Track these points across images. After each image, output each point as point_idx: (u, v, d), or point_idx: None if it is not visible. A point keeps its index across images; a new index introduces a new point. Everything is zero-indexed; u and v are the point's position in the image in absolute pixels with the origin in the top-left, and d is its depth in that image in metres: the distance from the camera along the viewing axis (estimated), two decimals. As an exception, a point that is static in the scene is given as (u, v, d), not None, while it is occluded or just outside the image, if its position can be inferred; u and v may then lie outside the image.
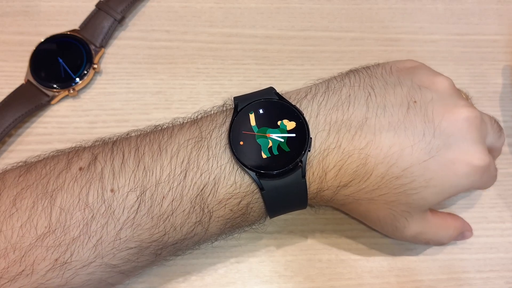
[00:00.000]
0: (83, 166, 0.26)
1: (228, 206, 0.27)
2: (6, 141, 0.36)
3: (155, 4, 0.41)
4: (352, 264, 0.33)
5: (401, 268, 0.33)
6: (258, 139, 0.27)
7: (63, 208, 0.25)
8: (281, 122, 0.27)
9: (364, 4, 0.43)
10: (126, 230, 0.26)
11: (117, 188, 0.26)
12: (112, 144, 0.28)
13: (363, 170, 0.27)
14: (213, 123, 0.28)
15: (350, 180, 0.27)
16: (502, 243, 0.34)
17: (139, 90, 0.38)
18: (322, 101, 0.28)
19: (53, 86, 0.37)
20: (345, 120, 0.27)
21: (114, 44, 0.40)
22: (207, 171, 0.26)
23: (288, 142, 0.27)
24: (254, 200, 0.27)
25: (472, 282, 0.33)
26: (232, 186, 0.27)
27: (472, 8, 0.43)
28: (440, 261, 0.34)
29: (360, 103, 0.28)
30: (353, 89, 0.29)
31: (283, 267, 0.33)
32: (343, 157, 0.27)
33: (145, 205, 0.26)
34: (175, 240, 0.27)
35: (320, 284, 0.33)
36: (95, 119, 0.37)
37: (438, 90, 0.29)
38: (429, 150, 0.27)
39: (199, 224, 0.27)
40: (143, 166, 0.26)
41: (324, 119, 0.28)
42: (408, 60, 0.32)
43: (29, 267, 0.25)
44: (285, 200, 0.27)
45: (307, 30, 0.41)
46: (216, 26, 0.41)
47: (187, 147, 0.27)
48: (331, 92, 0.29)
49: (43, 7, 0.40)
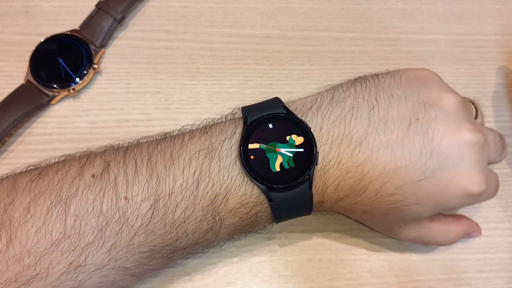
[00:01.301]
0: (96, 174, 0.27)
1: (238, 214, 0.28)
2: (6, 141, 0.36)
3: (155, 4, 0.41)
4: (352, 264, 0.33)
5: (401, 268, 0.33)
6: (268, 154, 0.27)
7: (78, 215, 0.25)
8: (289, 137, 0.27)
9: (364, 4, 0.43)
10: (140, 236, 0.26)
11: (131, 196, 0.26)
12: (124, 151, 0.28)
13: (358, 186, 0.28)
14: (223, 134, 0.28)
15: (347, 194, 0.28)
16: (502, 243, 0.34)
17: (139, 90, 0.38)
18: (326, 113, 0.28)
19: (53, 86, 0.37)
20: (347, 134, 0.28)
21: (114, 44, 0.40)
22: (218, 182, 0.27)
23: (297, 157, 0.27)
24: (263, 210, 0.28)
25: (472, 282, 0.33)
26: (242, 196, 0.27)
27: (472, 8, 0.43)
28: (440, 261, 0.34)
29: (363, 116, 0.28)
30: (357, 101, 0.29)
31: (283, 267, 0.33)
32: (342, 173, 0.27)
33: (159, 213, 0.26)
34: (187, 245, 0.28)
35: (320, 284, 0.33)
36: (95, 119, 0.37)
37: (443, 107, 0.28)
38: (424, 170, 0.27)
39: (210, 230, 0.28)
40: (156, 175, 0.27)
41: (327, 132, 0.28)
42: (421, 70, 0.31)
43: (43, 271, 0.25)
44: (292, 210, 0.28)
45: (307, 30, 0.41)
46: (216, 26, 0.41)
47: (198, 158, 0.27)
48: (335, 104, 0.29)
49: (43, 7, 0.40)
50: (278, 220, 0.29)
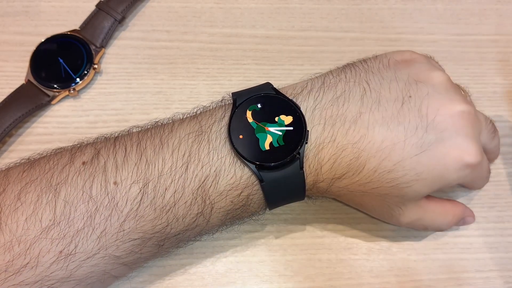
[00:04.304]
0: (86, 160, 0.27)
1: (229, 197, 0.27)
2: (6, 141, 0.36)
3: (155, 4, 0.41)
4: (352, 264, 0.33)
5: (401, 268, 0.33)
6: (257, 133, 0.27)
7: (67, 201, 0.25)
8: (278, 117, 0.28)
9: (364, 4, 0.43)
10: (130, 221, 0.26)
11: (120, 181, 0.26)
12: (114, 139, 0.28)
13: (356, 164, 0.28)
14: (212, 118, 0.28)
15: (344, 173, 0.28)
16: (502, 243, 0.34)
17: (139, 90, 0.38)
18: (318, 96, 0.29)
19: (53, 86, 0.37)
20: (340, 114, 0.28)
21: (115, 44, 0.40)
22: (208, 164, 0.27)
23: (286, 135, 0.27)
24: (254, 192, 0.28)
25: (472, 282, 0.33)
26: (233, 178, 0.27)
27: (472, 8, 0.43)
28: (440, 261, 0.34)
29: (355, 98, 0.28)
30: (348, 85, 0.29)
31: (283, 267, 0.33)
32: (337, 151, 0.27)
33: (148, 197, 0.26)
34: (178, 231, 0.28)
35: (320, 284, 0.33)
36: (96, 119, 0.37)
37: (434, 85, 0.29)
38: (421, 144, 0.27)
39: (201, 215, 0.27)
40: (145, 159, 0.27)
41: (320, 113, 0.28)
42: (407, 52, 0.31)
43: (34, 260, 0.25)
44: (283, 191, 0.28)
45: (307, 30, 0.41)
46: (216, 26, 0.41)
47: (187, 140, 0.27)
48: (326, 88, 0.29)
49: (44, 7, 0.41)
50: (271, 204, 0.29)
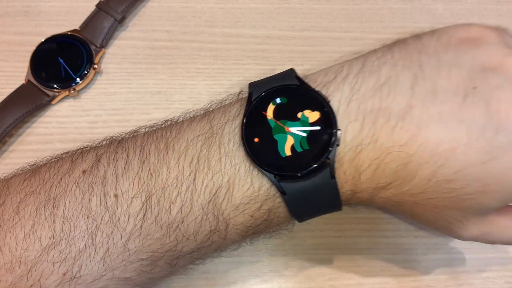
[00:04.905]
0: (86, 169, 0.24)
1: (247, 212, 0.23)
2: (6, 141, 0.36)
3: (155, 4, 0.41)
4: (352, 264, 0.33)
5: (401, 268, 0.33)
6: (275, 135, 0.23)
7: (66, 217, 0.23)
8: (302, 113, 0.23)
9: (364, 4, 0.43)
10: (134, 240, 0.23)
11: (120, 194, 0.23)
12: (118, 143, 0.25)
13: (405, 171, 0.22)
14: (225, 116, 0.24)
15: (389, 182, 0.23)
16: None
17: (139, 90, 0.38)
18: (355, 84, 0.23)
19: (53, 86, 0.37)
20: (384, 108, 0.22)
21: (115, 44, 0.40)
22: (219, 172, 0.23)
23: (311, 137, 0.22)
24: (277, 205, 0.23)
25: (472, 282, 0.33)
26: (250, 189, 0.23)
27: (472, 8, 0.43)
28: (440, 261, 0.34)
29: (404, 87, 0.23)
30: (395, 69, 0.23)
31: (283, 267, 0.33)
32: (381, 154, 0.22)
33: (152, 213, 0.23)
34: (191, 249, 0.24)
35: (320, 284, 0.33)
36: (96, 119, 0.37)
37: (508, 74, 0.22)
38: (490, 149, 0.22)
39: (215, 232, 0.24)
40: (148, 167, 0.23)
41: (358, 106, 0.23)
42: (474, 26, 0.25)
43: (36, 283, 0.22)
44: (312, 204, 0.24)
45: (307, 30, 0.41)
46: (216, 26, 0.41)
47: (196, 144, 0.23)
48: (367, 73, 0.24)
49: (44, 7, 0.40)
50: (299, 217, 0.24)
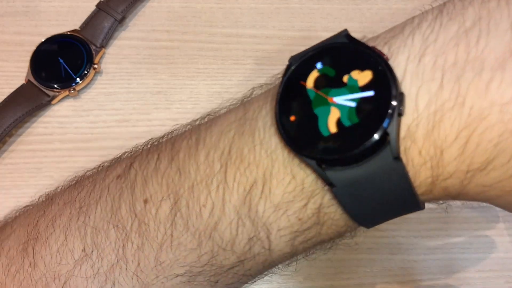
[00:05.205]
0: (120, 174, 0.21)
1: (291, 212, 0.19)
2: (6, 141, 0.36)
3: (155, 4, 0.41)
4: (352, 264, 0.33)
5: (401, 268, 0.33)
6: (315, 109, 0.18)
7: (96, 227, 0.21)
8: (348, 76, 0.17)
9: (364, 4, 0.43)
10: (167, 252, 0.20)
11: (149, 197, 0.20)
12: (156, 143, 0.23)
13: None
14: (264, 96, 0.20)
15: (489, 160, 0.17)
16: (502, 243, 0.34)
17: (139, 90, 0.38)
18: (431, 33, 0.18)
19: (53, 86, 0.37)
20: (472, 59, 0.17)
21: (115, 44, 0.40)
22: (253, 163, 0.19)
23: (363, 106, 0.17)
24: (328, 203, 0.18)
25: (472, 282, 0.33)
26: (291, 183, 0.18)
27: (472, 8, 0.43)
28: (440, 261, 0.34)
29: (501, 27, 0.17)
30: (487, 7, 0.17)
31: (283, 267, 0.33)
32: (471, 122, 0.16)
33: (182, 218, 0.20)
34: (231, 263, 0.20)
35: (320, 284, 0.33)
36: (96, 119, 0.37)
37: None
38: None
39: (256, 241, 0.20)
40: (177, 165, 0.20)
41: (434, 61, 0.17)
42: None
43: None
44: (374, 199, 0.18)
45: (307, 30, 0.41)
46: (216, 26, 0.41)
47: (228, 133, 0.20)
48: (446, 18, 0.18)
49: (44, 7, 0.40)
50: (361, 219, 0.19)
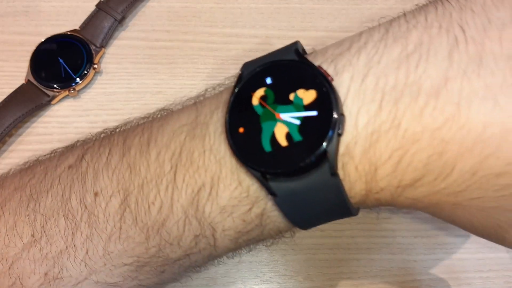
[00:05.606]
0: (72, 164, 0.22)
1: (236, 215, 0.20)
2: (6, 141, 0.36)
3: (155, 4, 0.41)
4: (352, 264, 0.33)
5: (401, 268, 0.33)
6: (263, 123, 0.19)
7: (46, 214, 0.22)
8: (295, 94, 0.18)
9: (364, 4, 0.43)
10: (115, 243, 0.21)
11: (99, 191, 0.21)
12: (105, 135, 0.24)
13: (439, 163, 0.18)
14: (217, 101, 0.21)
15: (418, 177, 0.18)
16: (502, 243, 0.34)
17: (139, 90, 0.38)
18: (375, 54, 0.19)
19: (53, 86, 0.37)
20: (410, 83, 0.17)
21: (115, 44, 0.40)
22: (202, 168, 0.20)
23: (306, 125, 0.18)
24: (271, 208, 0.20)
25: (472, 282, 0.33)
26: (237, 189, 0.20)
27: (472, 8, 0.43)
28: (440, 261, 0.34)
29: (439, 55, 0.18)
30: (428, 33, 0.18)
31: (283, 267, 0.33)
32: (405, 143, 0.18)
33: (131, 213, 0.21)
34: (178, 256, 0.22)
35: (320, 284, 0.33)
36: (96, 119, 0.37)
37: None
38: None
39: (202, 238, 0.21)
40: (128, 162, 0.21)
41: (376, 83, 0.18)
42: None
43: (18, 281, 0.21)
44: (312, 208, 0.20)
45: (307, 30, 0.41)
46: (216, 26, 0.41)
47: (180, 136, 0.21)
48: (390, 40, 0.19)
49: (44, 7, 0.40)
50: (300, 224, 0.21)
